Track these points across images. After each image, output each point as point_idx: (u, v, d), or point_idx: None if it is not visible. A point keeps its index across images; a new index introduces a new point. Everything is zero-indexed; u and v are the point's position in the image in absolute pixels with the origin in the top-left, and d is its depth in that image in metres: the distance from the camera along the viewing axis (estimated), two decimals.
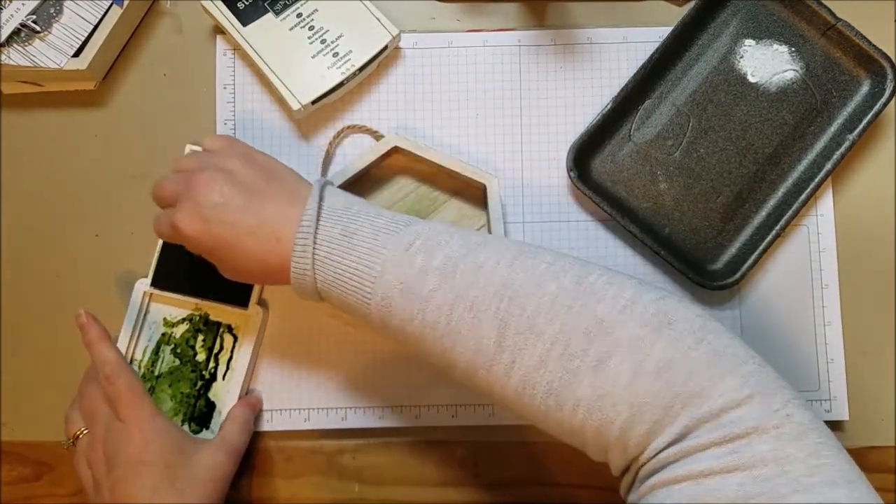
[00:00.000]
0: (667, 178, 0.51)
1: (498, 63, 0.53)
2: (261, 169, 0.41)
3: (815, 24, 0.51)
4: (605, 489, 0.51)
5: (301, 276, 0.39)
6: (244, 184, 0.40)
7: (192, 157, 0.44)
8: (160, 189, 0.43)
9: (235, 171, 0.41)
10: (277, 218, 0.39)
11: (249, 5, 0.50)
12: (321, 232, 0.38)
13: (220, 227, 0.39)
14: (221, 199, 0.39)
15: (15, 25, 0.49)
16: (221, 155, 0.42)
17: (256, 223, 0.39)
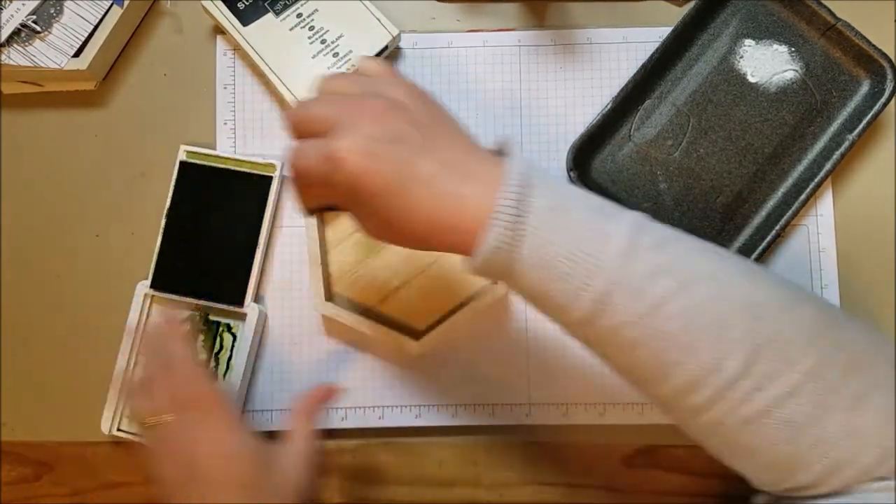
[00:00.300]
0: (667, 178, 0.51)
1: (498, 63, 0.53)
2: (433, 109, 0.34)
3: (814, 24, 0.51)
4: (604, 489, 0.51)
5: (497, 250, 0.31)
6: (418, 122, 0.32)
7: (347, 78, 0.35)
8: (307, 111, 0.33)
9: (408, 106, 0.33)
10: (457, 171, 0.31)
11: (250, 5, 0.50)
12: (533, 200, 0.31)
13: (389, 168, 0.31)
14: (396, 135, 0.31)
15: (15, 25, 0.49)
16: (386, 83, 0.34)
17: (432, 171, 0.31)
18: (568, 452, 0.51)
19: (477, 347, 0.51)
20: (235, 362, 0.50)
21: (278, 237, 0.52)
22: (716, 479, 0.50)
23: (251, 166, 0.51)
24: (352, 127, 0.31)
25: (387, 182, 0.31)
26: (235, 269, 0.50)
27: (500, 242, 0.31)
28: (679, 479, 0.51)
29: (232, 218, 0.51)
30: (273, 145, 0.53)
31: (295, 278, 0.52)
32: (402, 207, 0.31)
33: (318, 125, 0.32)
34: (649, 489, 0.51)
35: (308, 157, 0.32)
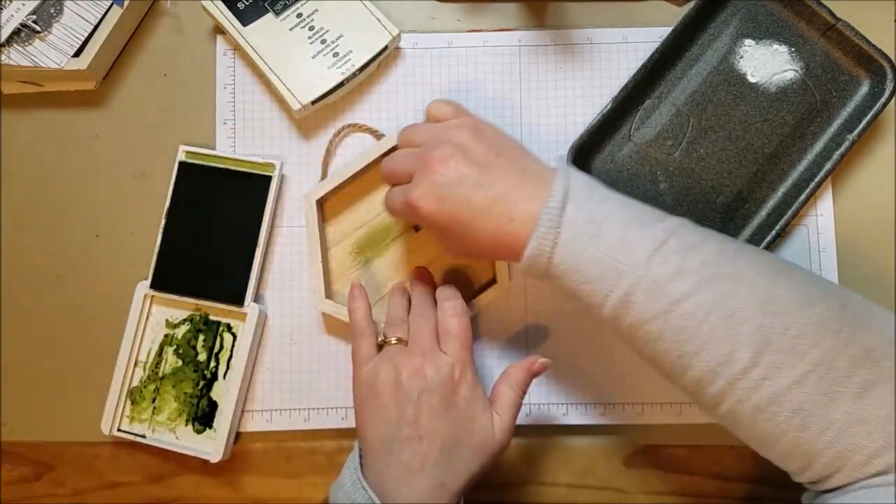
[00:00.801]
0: (667, 178, 0.51)
1: (498, 63, 0.53)
2: (491, 143, 0.41)
3: (814, 24, 0.51)
4: (604, 489, 0.51)
5: (536, 255, 0.37)
6: (477, 160, 0.39)
7: (421, 130, 0.43)
8: (393, 166, 0.43)
9: (468, 147, 0.40)
10: (511, 195, 0.38)
11: (250, 5, 0.50)
12: (567, 215, 0.37)
13: (455, 206, 0.39)
14: (457, 177, 0.39)
15: (15, 25, 0.49)
16: (452, 128, 0.41)
17: (491, 201, 0.38)
18: (568, 452, 0.51)
19: (476, 347, 0.51)
20: (236, 362, 0.50)
21: (278, 237, 0.52)
22: (716, 479, 0.50)
23: (251, 166, 0.51)
24: (422, 177, 0.40)
25: (454, 217, 0.39)
26: (235, 269, 0.50)
27: (537, 251, 0.37)
28: (679, 479, 0.51)
29: (232, 218, 0.51)
30: (273, 145, 0.53)
31: (295, 277, 0.52)
32: (470, 233, 0.39)
33: (402, 176, 0.42)
34: (649, 489, 0.51)
35: (395, 202, 0.42)
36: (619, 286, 0.36)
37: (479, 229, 0.39)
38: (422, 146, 0.41)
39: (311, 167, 0.52)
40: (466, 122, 0.42)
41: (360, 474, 0.40)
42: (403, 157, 0.42)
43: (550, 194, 0.38)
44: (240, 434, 0.51)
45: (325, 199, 0.51)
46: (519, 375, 0.44)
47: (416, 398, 0.40)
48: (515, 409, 0.43)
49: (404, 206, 0.41)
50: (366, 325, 0.44)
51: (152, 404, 0.50)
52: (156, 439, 0.50)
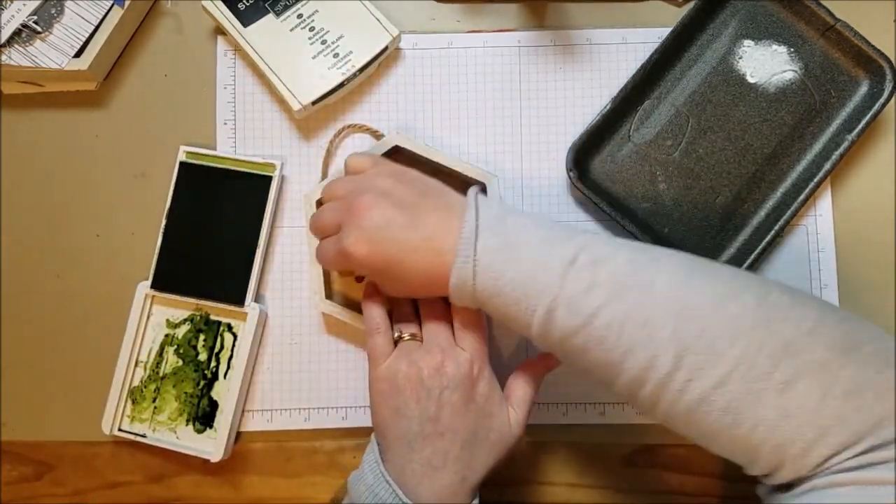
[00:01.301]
0: (666, 179, 0.51)
1: (498, 64, 0.53)
2: (413, 185, 0.42)
3: (814, 24, 0.51)
4: (603, 488, 0.51)
5: (461, 286, 0.39)
6: (402, 202, 0.41)
7: (342, 182, 0.44)
8: (320, 220, 0.44)
9: (391, 191, 0.41)
10: (437, 231, 0.40)
11: (250, 6, 0.51)
12: (481, 243, 0.38)
13: (386, 247, 0.40)
14: (384, 220, 0.40)
15: (16, 26, 0.49)
16: (373, 176, 0.43)
17: (419, 238, 0.39)
18: (568, 452, 0.51)
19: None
20: (236, 362, 0.50)
21: (278, 237, 0.52)
22: (716, 478, 0.50)
23: (251, 166, 0.51)
24: (350, 225, 0.41)
25: (387, 258, 0.40)
26: (236, 269, 0.50)
27: (460, 280, 0.39)
28: (679, 479, 0.51)
29: (232, 218, 0.51)
30: (273, 145, 0.53)
31: (295, 278, 0.52)
32: (404, 272, 0.40)
33: (330, 228, 0.43)
34: (649, 489, 0.51)
35: (328, 253, 0.43)
36: (540, 305, 0.37)
37: (412, 266, 0.40)
38: (346, 197, 0.42)
39: (312, 167, 0.53)
40: (385, 169, 0.43)
41: (382, 468, 0.40)
42: (329, 211, 0.43)
43: (463, 225, 0.39)
44: (240, 434, 0.51)
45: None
46: (533, 371, 0.45)
47: (438, 395, 0.41)
48: (530, 403, 0.44)
49: (337, 256, 0.41)
50: (382, 322, 0.45)
51: (153, 404, 0.50)
52: (156, 439, 0.50)
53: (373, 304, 0.46)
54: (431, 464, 0.40)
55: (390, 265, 0.40)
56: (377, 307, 0.46)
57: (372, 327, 0.44)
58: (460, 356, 0.42)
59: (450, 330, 0.44)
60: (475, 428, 0.41)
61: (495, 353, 0.51)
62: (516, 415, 0.43)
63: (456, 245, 0.39)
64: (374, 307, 0.46)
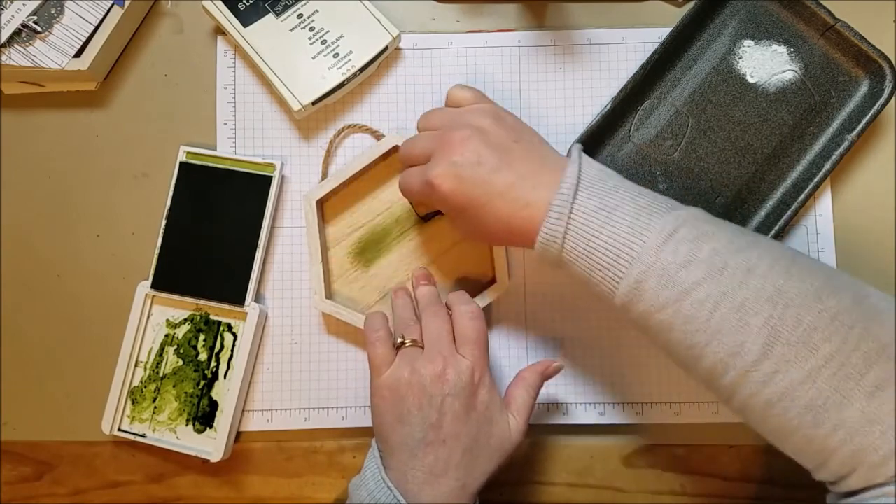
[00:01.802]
0: (666, 179, 0.51)
1: (498, 64, 0.53)
2: (510, 129, 0.41)
3: (813, 24, 0.51)
4: (603, 489, 0.51)
5: (549, 242, 0.38)
6: (496, 144, 0.40)
7: (441, 113, 0.44)
8: (412, 147, 0.43)
9: (488, 131, 0.40)
10: (527, 181, 0.39)
11: (250, 6, 0.51)
12: (579, 201, 0.37)
13: (473, 187, 0.39)
14: (476, 159, 0.39)
15: (16, 26, 0.49)
16: (472, 113, 0.42)
17: (507, 185, 0.39)
18: (568, 452, 0.51)
19: None
20: (236, 362, 0.50)
21: (278, 237, 0.52)
22: (715, 478, 0.50)
23: (251, 166, 0.51)
24: (441, 157, 0.40)
25: (470, 198, 0.39)
26: (236, 269, 0.50)
27: (549, 237, 0.38)
28: (679, 479, 0.51)
29: (232, 218, 0.51)
30: (273, 145, 0.53)
31: (295, 277, 0.52)
32: (485, 216, 0.39)
33: (419, 157, 0.42)
34: (649, 489, 0.51)
35: (412, 182, 0.42)
36: (629, 274, 0.36)
37: (494, 212, 0.39)
38: (441, 128, 0.42)
39: (312, 167, 0.53)
40: (487, 108, 0.42)
41: (383, 474, 0.40)
42: (423, 139, 0.43)
43: (563, 181, 0.38)
44: (240, 434, 0.51)
45: (325, 200, 0.51)
46: (533, 378, 0.45)
47: (440, 403, 0.41)
48: (529, 410, 0.44)
49: (422, 185, 0.41)
50: (383, 330, 0.44)
51: (153, 404, 0.50)
52: (156, 439, 0.50)
53: (374, 314, 0.46)
54: (433, 471, 0.40)
55: (473, 206, 0.39)
56: (379, 314, 0.46)
57: (372, 336, 0.44)
58: (461, 364, 0.42)
59: (451, 337, 0.43)
60: (476, 435, 0.41)
61: (496, 360, 0.51)
62: (516, 421, 0.43)
63: (550, 199, 0.38)
64: (375, 314, 0.46)
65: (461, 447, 0.40)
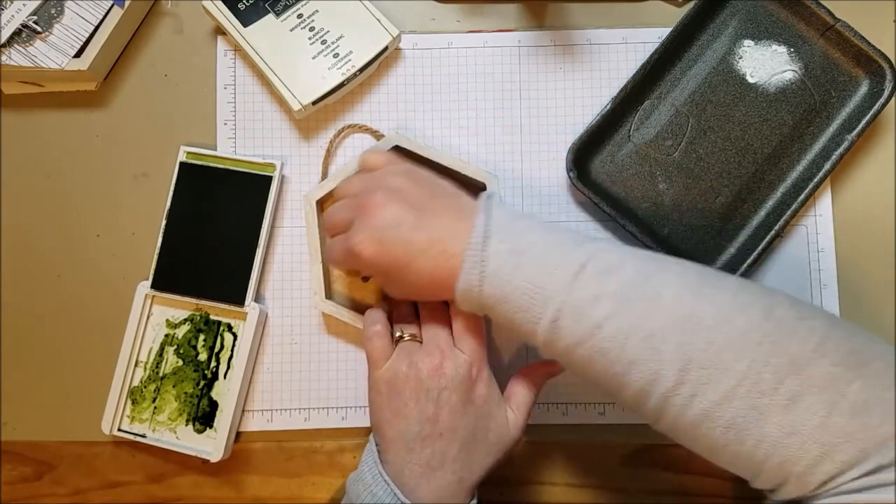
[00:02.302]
0: (666, 179, 0.51)
1: (498, 64, 0.53)
2: (425, 185, 0.42)
3: (813, 24, 0.51)
4: (603, 489, 0.51)
5: (467, 290, 0.38)
6: (413, 203, 0.40)
7: (356, 180, 0.44)
8: (332, 217, 0.44)
9: (404, 190, 0.41)
10: (446, 234, 0.39)
11: (250, 6, 0.51)
12: (490, 248, 0.38)
13: (395, 248, 0.39)
14: (395, 220, 0.39)
15: (16, 26, 0.49)
16: (386, 174, 0.43)
17: (428, 241, 0.39)
18: (568, 452, 0.51)
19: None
20: (236, 362, 0.50)
21: (278, 237, 0.52)
22: (715, 478, 0.50)
23: (251, 166, 0.51)
24: (361, 223, 0.40)
25: (393, 259, 0.39)
26: (236, 269, 0.50)
27: (467, 285, 0.38)
28: (679, 479, 0.51)
29: (232, 218, 0.51)
30: (273, 145, 0.53)
31: (295, 277, 0.52)
32: (409, 274, 0.40)
33: (341, 226, 0.43)
34: (649, 489, 0.51)
35: (337, 251, 0.43)
36: (546, 313, 0.36)
37: (418, 269, 0.39)
38: (357, 195, 0.42)
39: (312, 167, 0.53)
40: (399, 168, 0.43)
41: (380, 468, 0.40)
42: (341, 208, 0.43)
43: (473, 229, 0.38)
44: (240, 434, 0.51)
45: (324, 200, 0.51)
46: (535, 375, 0.45)
47: (437, 396, 0.41)
48: (529, 406, 0.44)
49: (345, 253, 0.41)
50: (381, 325, 0.45)
51: (153, 404, 0.50)
52: (156, 439, 0.50)
53: (374, 307, 0.46)
54: (430, 464, 0.40)
55: (397, 266, 0.40)
56: (378, 310, 0.46)
57: (370, 330, 0.44)
58: (459, 357, 0.42)
59: (449, 331, 0.44)
60: (473, 429, 0.41)
61: (495, 355, 0.51)
62: (515, 417, 0.43)
63: (464, 249, 0.38)
64: (374, 310, 0.46)
65: (458, 441, 0.40)
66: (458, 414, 0.41)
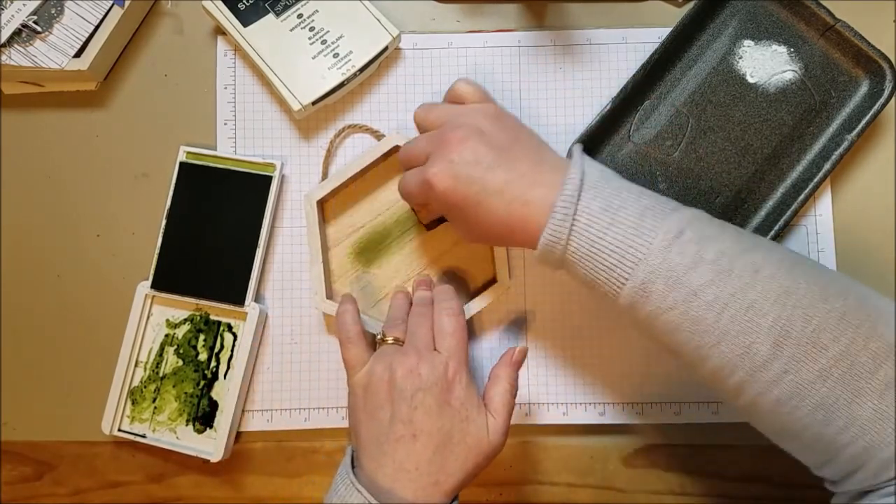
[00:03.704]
0: (666, 179, 0.51)
1: (498, 64, 0.53)
2: (509, 129, 0.41)
3: (813, 24, 0.51)
4: (603, 489, 0.51)
5: (552, 243, 0.37)
6: (494, 144, 0.39)
7: (440, 110, 0.43)
8: (411, 149, 0.43)
9: (487, 130, 0.40)
10: (525, 181, 0.38)
11: (250, 6, 0.51)
12: (583, 202, 0.37)
13: (469, 185, 0.39)
14: (474, 158, 0.39)
15: (16, 26, 0.49)
16: (472, 112, 0.42)
17: (504, 183, 0.38)
18: (568, 452, 0.51)
19: (476, 347, 0.51)
20: (236, 362, 0.50)
21: (278, 237, 0.52)
22: (715, 478, 0.51)
23: (251, 166, 0.51)
24: (438, 156, 0.40)
25: (467, 196, 0.39)
26: (236, 269, 0.50)
27: (553, 238, 0.37)
28: (679, 479, 0.51)
29: (232, 218, 0.51)
30: (273, 145, 0.53)
31: (295, 277, 0.52)
32: (483, 214, 0.39)
33: (419, 158, 0.42)
34: (649, 489, 0.51)
35: (411, 183, 0.42)
36: (635, 275, 0.36)
37: (492, 211, 0.39)
38: (440, 127, 0.42)
39: (312, 167, 0.53)
40: (487, 108, 0.42)
41: (352, 476, 0.39)
42: (421, 140, 0.43)
43: (566, 181, 0.37)
44: (240, 434, 0.51)
45: (325, 200, 0.51)
46: (505, 372, 0.43)
47: (411, 397, 0.40)
48: (509, 408, 0.42)
49: (420, 185, 0.41)
50: (354, 332, 0.44)
51: (153, 404, 0.50)
52: (156, 439, 0.50)
53: (345, 311, 0.46)
54: (403, 466, 0.39)
55: (469, 204, 0.39)
56: (350, 313, 0.45)
57: (342, 337, 0.44)
58: (436, 359, 0.41)
59: (431, 334, 0.43)
60: (450, 431, 0.40)
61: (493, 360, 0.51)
62: (496, 422, 0.41)
63: (553, 200, 0.37)
64: (346, 315, 0.45)
65: (433, 443, 0.39)
66: (433, 416, 0.40)
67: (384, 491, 0.38)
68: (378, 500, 0.38)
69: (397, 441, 0.39)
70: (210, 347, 0.51)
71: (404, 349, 0.42)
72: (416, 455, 0.39)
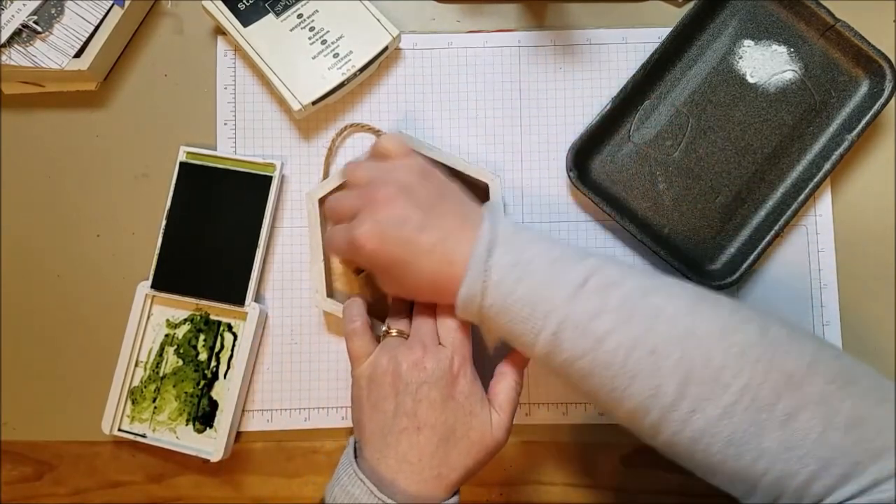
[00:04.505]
0: (666, 179, 0.52)
1: (498, 64, 0.53)
2: (435, 185, 0.42)
3: (814, 24, 0.51)
4: (603, 489, 0.51)
5: (469, 299, 0.38)
6: (421, 202, 0.40)
7: (368, 168, 0.43)
8: (338, 204, 0.43)
9: (414, 188, 0.41)
10: (450, 239, 0.39)
11: (250, 6, 0.51)
12: (494, 258, 0.38)
13: (397, 246, 0.39)
14: (401, 218, 0.39)
15: (16, 26, 0.49)
16: (398, 169, 0.42)
17: (432, 243, 0.39)
18: (568, 452, 0.51)
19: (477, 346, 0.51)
20: (236, 361, 0.50)
21: (278, 237, 0.52)
22: None
23: (251, 166, 0.51)
24: (366, 215, 0.40)
25: (395, 257, 0.39)
26: (236, 269, 0.50)
27: (469, 295, 0.38)
28: (679, 479, 0.51)
29: (232, 218, 0.51)
30: (273, 145, 0.53)
31: (295, 277, 0.52)
32: (410, 274, 0.40)
33: (346, 214, 0.42)
34: (649, 489, 0.51)
35: (337, 240, 0.42)
36: (546, 325, 0.37)
37: (419, 270, 0.39)
38: (367, 185, 0.42)
39: (312, 167, 0.53)
40: (412, 164, 0.43)
41: (355, 467, 0.39)
42: (348, 196, 0.43)
43: (477, 239, 0.39)
44: (240, 434, 0.51)
45: (326, 198, 0.51)
46: (510, 369, 0.44)
47: (416, 390, 0.40)
48: (513, 405, 0.43)
49: (346, 243, 0.41)
50: (360, 323, 0.44)
51: (153, 404, 0.50)
52: (156, 439, 0.50)
53: (351, 304, 0.46)
54: (407, 458, 0.39)
55: (396, 264, 0.40)
56: (355, 304, 0.45)
57: (349, 328, 0.44)
58: (441, 352, 0.41)
59: (436, 328, 0.43)
60: (454, 425, 0.40)
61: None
62: (500, 418, 0.42)
63: (468, 258, 0.38)
64: (352, 307, 0.45)
65: (437, 436, 0.40)
66: (438, 409, 0.40)
67: (386, 482, 0.39)
68: (380, 491, 0.38)
69: (401, 433, 0.40)
70: (210, 347, 0.51)
71: (409, 342, 0.42)
72: (419, 447, 0.39)
